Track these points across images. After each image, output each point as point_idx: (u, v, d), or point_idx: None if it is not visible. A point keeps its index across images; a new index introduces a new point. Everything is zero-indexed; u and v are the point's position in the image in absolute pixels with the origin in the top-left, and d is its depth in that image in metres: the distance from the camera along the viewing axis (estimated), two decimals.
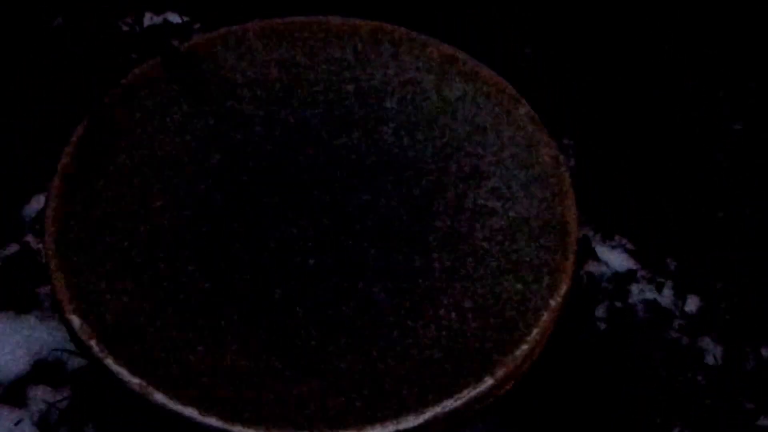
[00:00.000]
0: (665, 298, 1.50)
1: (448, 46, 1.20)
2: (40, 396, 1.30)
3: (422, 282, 0.99)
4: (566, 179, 1.07)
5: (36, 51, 1.71)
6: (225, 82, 1.16)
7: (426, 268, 1.00)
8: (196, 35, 1.77)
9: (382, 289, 0.98)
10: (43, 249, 1.00)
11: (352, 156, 1.10)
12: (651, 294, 1.50)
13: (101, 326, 0.92)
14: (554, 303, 0.97)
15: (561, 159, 1.09)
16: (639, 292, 1.50)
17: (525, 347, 0.93)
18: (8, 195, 1.52)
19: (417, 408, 0.88)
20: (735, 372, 1.42)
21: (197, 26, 1.81)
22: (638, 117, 1.72)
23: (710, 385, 1.39)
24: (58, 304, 0.94)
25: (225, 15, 1.76)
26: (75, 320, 0.92)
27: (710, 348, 1.44)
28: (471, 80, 1.16)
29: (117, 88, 1.13)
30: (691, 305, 1.49)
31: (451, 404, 0.89)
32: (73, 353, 1.29)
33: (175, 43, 1.73)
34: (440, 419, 0.88)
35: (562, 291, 0.98)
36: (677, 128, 1.71)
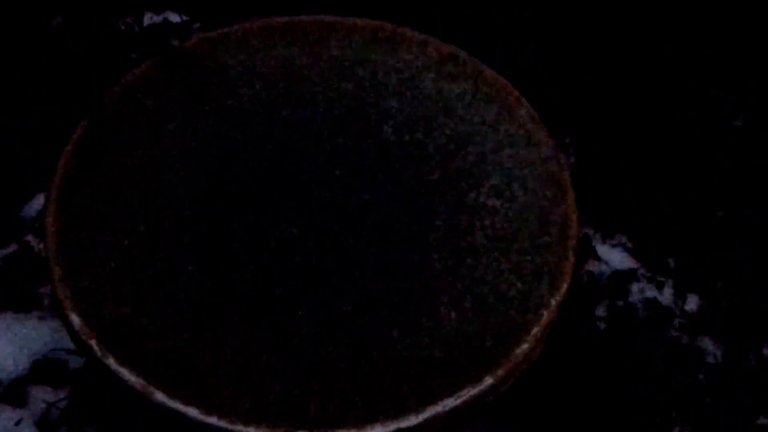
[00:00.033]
0: (665, 297, 1.50)
1: (449, 45, 1.20)
2: (40, 396, 1.30)
3: (422, 281, 0.99)
4: (566, 178, 1.07)
5: (36, 51, 1.71)
6: (225, 82, 1.16)
7: (426, 267, 1.00)
8: (196, 35, 1.77)
9: (383, 289, 0.98)
10: (43, 249, 1.00)
11: (352, 155, 1.10)
12: (651, 293, 1.50)
13: (101, 326, 0.92)
14: (554, 302, 0.97)
15: (561, 158, 1.09)
16: (639, 291, 1.50)
17: (525, 346, 0.93)
18: (8, 195, 1.52)
19: (417, 407, 0.88)
20: (735, 371, 1.41)
21: (197, 26, 1.81)
22: (638, 116, 1.72)
23: (710, 385, 1.39)
24: (59, 304, 0.94)
25: (225, 15, 1.75)
26: (75, 320, 0.92)
27: (710, 347, 1.44)
28: (471, 79, 1.16)
29: (117, 88, 1.13)
30: (692, 304, 1.49)
31: (452, 403, 0.89)
32: (73, 353, 1.29)
33: (175, 43, 1.73)
34: (440, 418, 0.88)
35: (563, 290, 0.98)
36: (677, 128, 1.71)
